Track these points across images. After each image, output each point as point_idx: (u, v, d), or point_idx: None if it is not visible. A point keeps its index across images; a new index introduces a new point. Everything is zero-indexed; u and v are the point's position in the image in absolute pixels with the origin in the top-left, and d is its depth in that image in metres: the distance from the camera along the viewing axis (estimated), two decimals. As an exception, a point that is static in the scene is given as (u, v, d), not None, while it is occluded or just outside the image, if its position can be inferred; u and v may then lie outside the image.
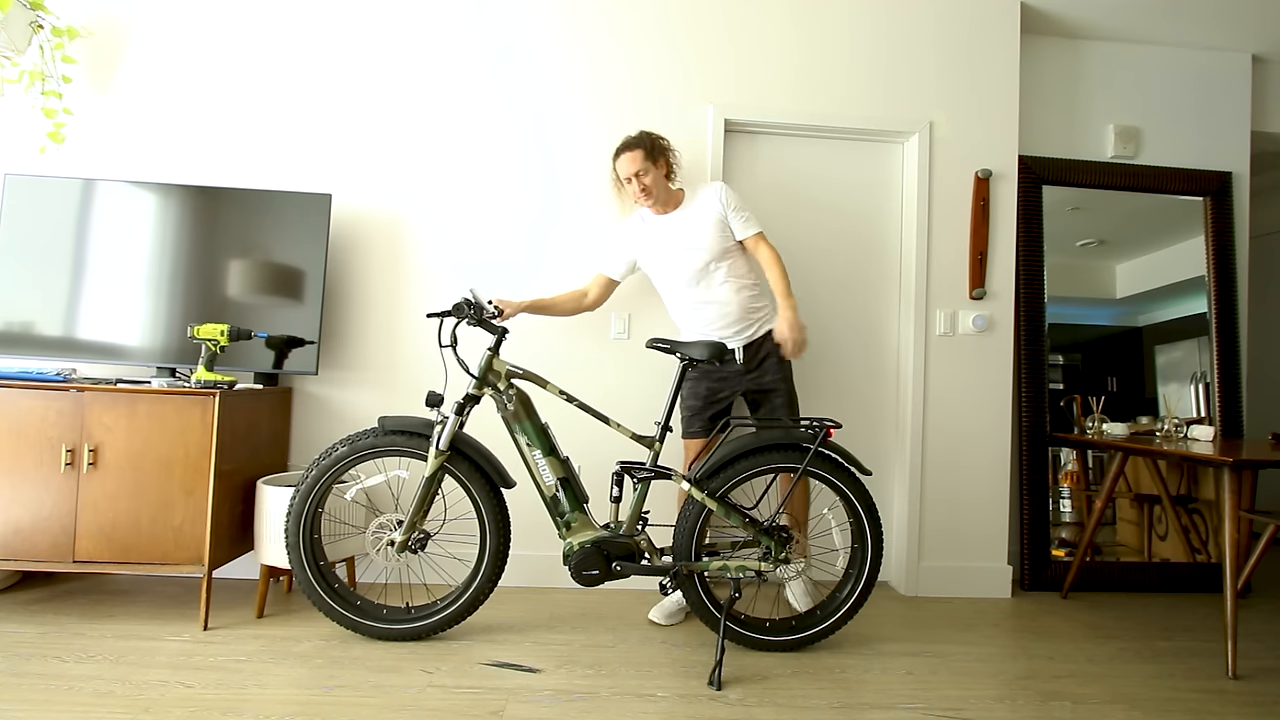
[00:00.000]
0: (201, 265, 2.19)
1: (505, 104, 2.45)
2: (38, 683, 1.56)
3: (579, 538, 1.84)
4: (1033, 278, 2.68)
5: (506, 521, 1.91)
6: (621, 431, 1.91)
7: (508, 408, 1.87)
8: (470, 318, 1.85)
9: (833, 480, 1.88)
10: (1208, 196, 2.79)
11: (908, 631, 2.11)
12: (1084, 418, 2.69)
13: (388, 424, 1.86)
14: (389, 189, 2.42)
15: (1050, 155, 2.74)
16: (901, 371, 2.58)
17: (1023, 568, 2.60)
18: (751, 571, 1.84)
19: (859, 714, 1.58)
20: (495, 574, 1.90)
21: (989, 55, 2.58)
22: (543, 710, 1.54)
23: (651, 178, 2.07)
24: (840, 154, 2.60)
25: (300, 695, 1.56)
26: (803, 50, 2.52)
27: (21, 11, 2.17)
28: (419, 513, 1.87)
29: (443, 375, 2.37)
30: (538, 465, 1.87)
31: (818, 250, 2.57)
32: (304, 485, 1.85)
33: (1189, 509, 2.69)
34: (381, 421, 1.86)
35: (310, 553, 1.85)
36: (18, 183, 2.16)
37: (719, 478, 1.85)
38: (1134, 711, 1.64)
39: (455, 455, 1.86)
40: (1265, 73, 2.90)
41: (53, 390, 1.89)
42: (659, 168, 2.08)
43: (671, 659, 1.84)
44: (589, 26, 2.47)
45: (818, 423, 1.84)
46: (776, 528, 1.87)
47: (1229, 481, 1.87)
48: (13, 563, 1.88)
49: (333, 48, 2.43)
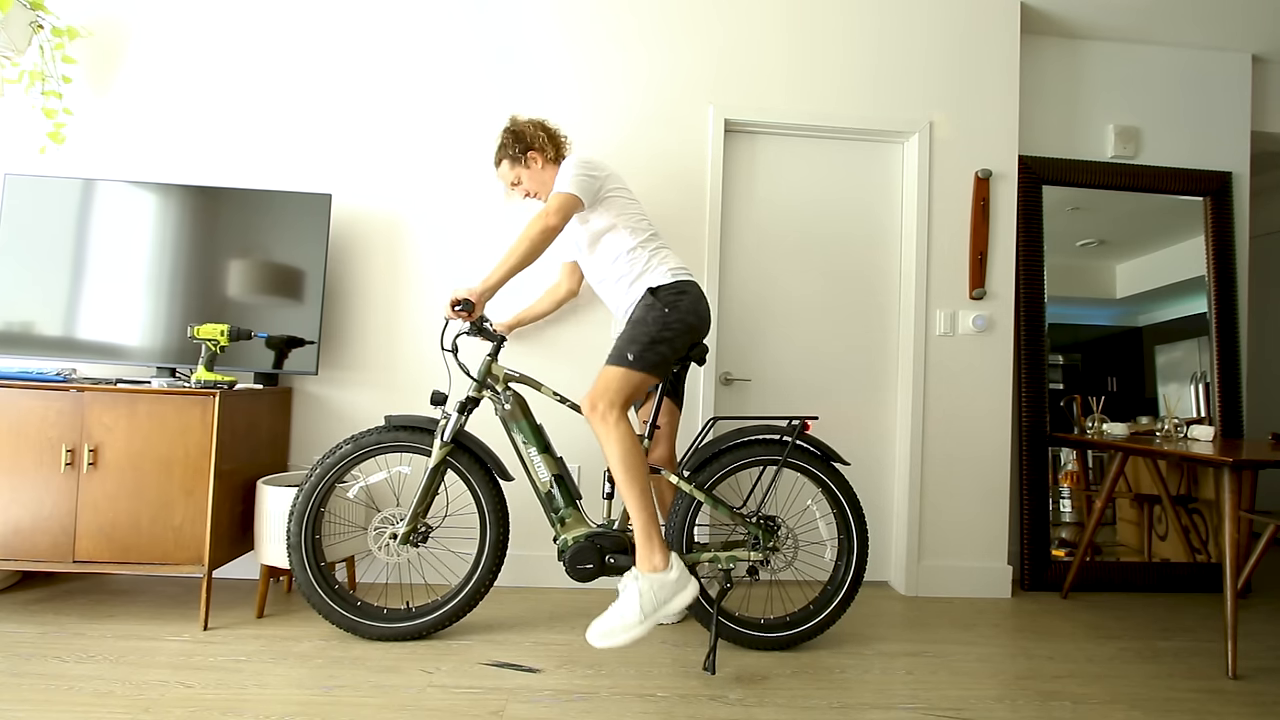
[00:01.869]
0: (201, 265, 2.19)
1: (505, 105, 2.44)
2: (38, 683, 1.56)
3: (573, 533, 1.86)
4: (1033, 278, 2.68)
5: (505, 514, 1.93)
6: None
7: (505, 408, 1.91)
8: (471, 324, 1.88)
9: (813, 471, 1.91)
10: (1208, 196, 2.79)
11: (908, 631, 2.11)
12: (1084, 418, 2.69)
13: (394, 421, 1.90)
14: (389, 189, 2.42)
15: (1050, 155, 2.74)
16: (901, 371, 2.58)
17: (1023, 568, 2.60)
18: (742, 562, 1.86)
19: (859, 714, 1.58)
20: (495, 565, 1.92)
21: (989, 55, 2.58)
22: (543, 710, 1.54)
23: (529, 180, 2.00)
24: (840, 154, 2.60)
25: (300, 695, 1.56)
26: (803, 50, 2.52)
27: (21, 11, 2.17)
28: (422, 504, 1.89)
29: (442, 374, 2.39)
30: (533, 462, 1.90)
31: (818, 250, 2.58)
32: (308, 483, 1.85)
33: (1189, 509, 2.69)
34: (388, 419, 1.90)
35: (311, 553, 1.86)
36: (18, 183, 2.16)
37: (706, 471, 1.89)
38: (1134, 711, 1.64)
39: (457, 448, 1.90)
40: (1265, 73, 2.90)
41: (53, 390, 1.89)
42: (531, 166, 1.98)
43: (671, 659, 1.84)
44: (588, 28, 2.47)
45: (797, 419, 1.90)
46: (763, 518, 1.89)
47: (1229, 481, 1.87)
48: (13, 563, 1.88)
49: (333, 48, 2.43)
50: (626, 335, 1.81)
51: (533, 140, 1.97)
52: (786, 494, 2.41)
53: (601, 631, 1.64)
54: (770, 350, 2.53)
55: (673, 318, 1.80)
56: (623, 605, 1.66)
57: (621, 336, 1.83)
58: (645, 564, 1.69)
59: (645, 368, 1.76)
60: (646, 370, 1.77)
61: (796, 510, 2.40)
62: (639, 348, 1.77)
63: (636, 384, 1.77)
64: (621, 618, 1.64)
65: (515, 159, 1.99)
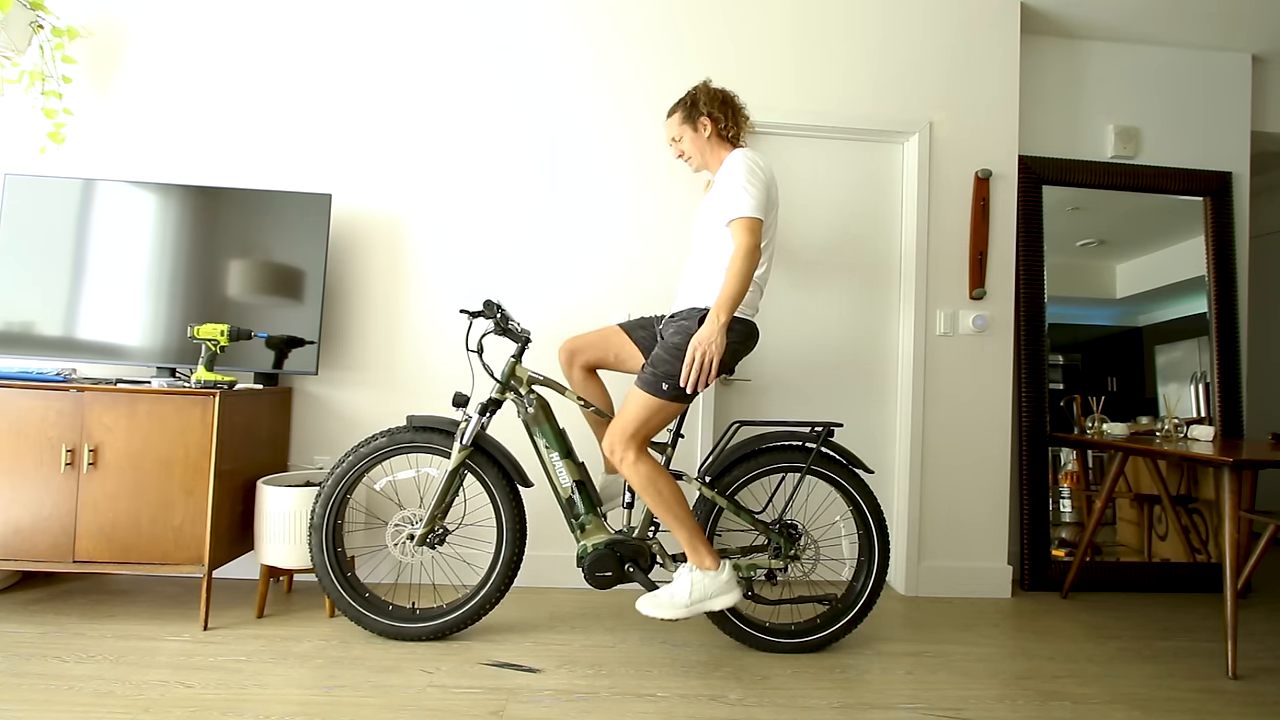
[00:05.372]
0: (201, 265, 2.19)
1: (504, 105, 2.45)
2: (38, 683, 1.56)
3: (593, 539, 1.85)
4: (1033, 278, 2.68)
5: (523, 530, 1.91)
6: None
7: (528, 411, 1.89)
8: (497, 323, 1.86)
9: (836, 479, 1.90)
10: (1208, 196, 2.79)
11: (908, 631, 2.11)
12: (1084, 418, 2.69)
13: (415, 421, 1.89)
14: (389, 189, 2.42)
15: (1050, 155, 2.74)
16: (901, 371, 2.58)
17: (1023, 568, 2.60)
18: (762, 570, 1.87)
19: (859, 714, 1.58)
20: (505, 583, 1.89)
21: (989, 55, 2.58)
22: (543, 710, 1.54)
23: (688, 142, 1.92)
24: (840, 154, 2.60)
25: (300, 695, 1.56)
26: (803, 50, 2.52)
27: (21, 11, 2.17)
28: (440, 506, 1.88)
29: (442, 373, 2.39)
30: (554, 467, 1.88)
31: (818, 250, 2.58)
32: (339, 469, 1.85)
33: (1189, 509, 2.69)
34: (409, 419, 1.89)
35: (331, 537, 1.87)
36: (18, 183, 2.16)
37: (729, 476, 1.88)
38: (1134, 711, 1.64)
39: (477, 452, 1.89)
40: (1265, 73, 2.90)
41: (53, 390, 1.89)
42: (699, 130, 1.90)
43: (671, 659, 1.84)
44: (593, 24, 2.46)
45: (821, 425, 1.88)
46: (785, 525, 1.89)
47: (1229, 481, 1.87)
48: (13, 563, 1.88)
49: (333, 47, 2.43)
50: (664, 358, 1.74)
51: (706, 109, 1.89)
52: (803, 500, 2.41)
53: (652, 602, 1.74)
54: (770, 350, 2.53)
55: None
56: (675, 587, 1.75)
57: (658, 356, 1.76)
58: (696, 563, 1.75)
59: (679, 398, 1.74)
60: (680, 400, 1.75)
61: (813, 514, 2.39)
62: (678, 380, 1.71)
63: (670, 414, 1.77)
64: (672, 597, 1.74)
65: (688, 117, 1.90)
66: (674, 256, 2.43)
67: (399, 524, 1.91)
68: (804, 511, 2.37)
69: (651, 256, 2.45)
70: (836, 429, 1.89)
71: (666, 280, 2.42)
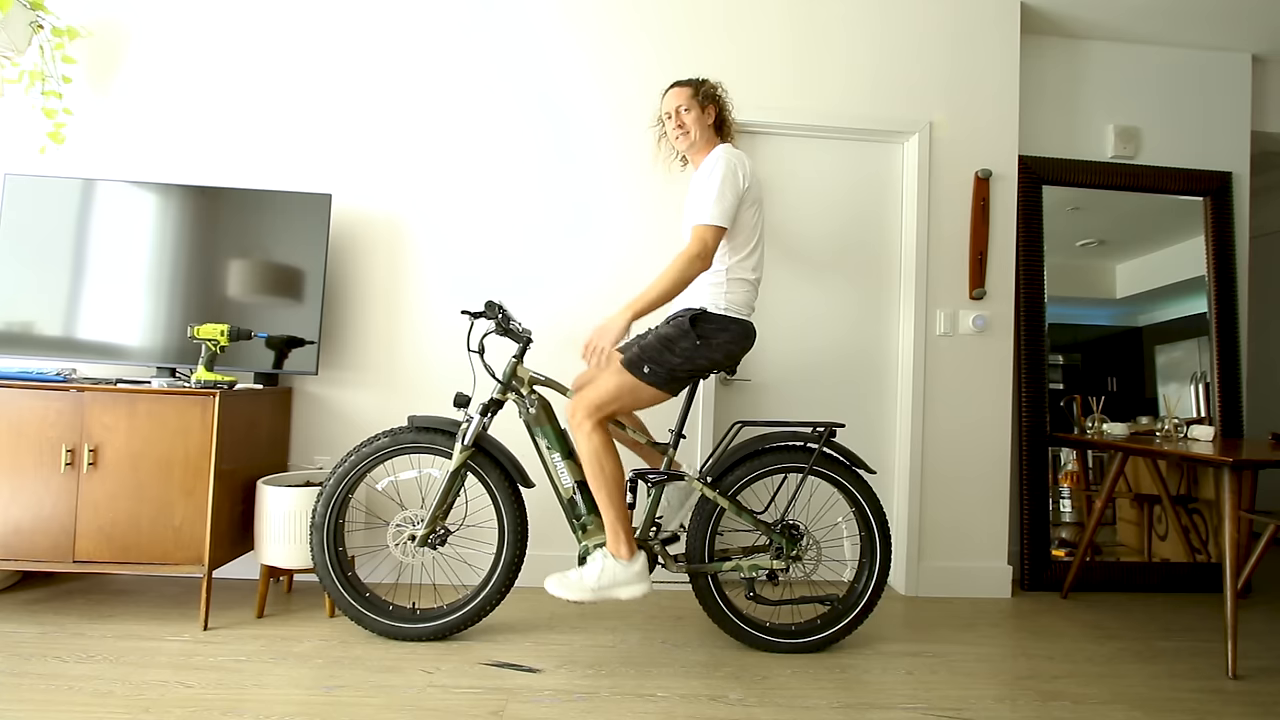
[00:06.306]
0: (201, 265, 2.19)
1: (505, 105, 2.45)
2: (38, 683, 1.56)
3: (594, 539, 1.85)
4: (1033, 278, 2.68)
5: (525, 531, 1.91)
6: (636, 437, 1.95)
7: (530, 411, 1.89)
8: (498, 324, 1.86)
9: (838, 479, 1.90)
10: (1208, 196, 2.79)
11: (908, 631, 2.11)
12: (1084, 418, 2.69)
13: (417, 421, 1.89)
14: (389, 189, 2.42)
15: (1050, 155, 2.74)
16: (901, 371, 2.58)
17: (1023, 568, 2.60)
18: (764, 570, 1.87)
19: (859, 714, 1.58)
20: (506, 584, 1.89)
21: (989, 55, 2.58)
22: (543, 710, 1.54)
23: (694, 116, 1.92)
24: (840, 154, 2.60)
25: (300, 695, 1.56)
26: (803, 50, 2.52)
27: (21, 11, 2.17)
28: (441, 507, 1.88)
29: (443, 373, 2.39)
30: (556, 467, 1.89)
31: (818, 250, 2.58)
32: (341, 468, 1.86)
33: (1189, 509, 2.69)
34: (411, 419, 1.89)
35: (332, 538, 1.87)
36: (18, 183, 2.16)
37: (730, 477, 1.88)
38: (1134, 711, 1.65)
39: (479, 453, 1.89)
40: (1265, 73, 2.90)
41: (53, 390, 1.89)
42: (705, 112, 1.93)
43: (671, 659, 1.84)
44: (593, 25, 2.46)
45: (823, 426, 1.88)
46: (787, 526, 1.90)
47: (1229, 481, 1.87)
48: (13, 563, 1.88)
49: (333, 47, 2.43)
50: (654, 345, 1.80)
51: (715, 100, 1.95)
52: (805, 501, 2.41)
53: (561, 582, 1.77)
54: (770, 350, 2.53)
55: (701, 353, 1.79)
56: (587, 570, 1.78)
57: (648, 342, 1.82)
58: (613, 549, 1.77)
59: (658, 385, 1.77)
60: (657, 388, 1.77)
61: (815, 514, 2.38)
62: (663, 371, 1.77)
63: (641, 398, 1.78)
64: (581, 579, 1.77)
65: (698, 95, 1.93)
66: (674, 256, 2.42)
67: (400, 524, 1.91)
68: (806, 512, 2.37)
69: (652, 256, 2.45)
70: (838, 429, 1.89)
71: (666, 280, 2.41)
